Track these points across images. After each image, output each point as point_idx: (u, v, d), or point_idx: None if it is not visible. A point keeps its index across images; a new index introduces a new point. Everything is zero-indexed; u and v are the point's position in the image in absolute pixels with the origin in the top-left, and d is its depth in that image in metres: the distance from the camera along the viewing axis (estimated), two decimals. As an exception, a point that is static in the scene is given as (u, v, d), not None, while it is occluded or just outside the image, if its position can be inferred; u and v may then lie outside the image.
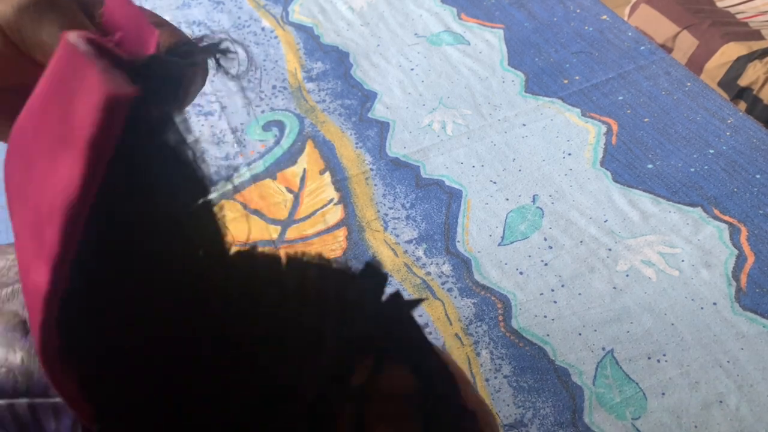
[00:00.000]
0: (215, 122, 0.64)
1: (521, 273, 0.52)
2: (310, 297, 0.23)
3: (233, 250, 0.22)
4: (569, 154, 0.60)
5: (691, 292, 0.50)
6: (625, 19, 0.96)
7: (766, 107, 0.89)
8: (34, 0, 0.28)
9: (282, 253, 0.23)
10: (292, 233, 0.55)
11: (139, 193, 0.21)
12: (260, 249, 0.23)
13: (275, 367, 0.23)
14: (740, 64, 0.90)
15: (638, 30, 0.73)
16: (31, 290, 0.20)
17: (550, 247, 0.53)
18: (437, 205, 0.57)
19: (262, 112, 0.66)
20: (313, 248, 0.54)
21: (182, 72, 0.22)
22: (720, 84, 0.92)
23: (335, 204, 0.57)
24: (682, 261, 0.52)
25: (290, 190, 0.59)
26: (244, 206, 0.58)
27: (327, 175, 0.60)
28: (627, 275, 0.51)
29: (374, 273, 0.23)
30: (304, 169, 0.60)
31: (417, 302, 0.23)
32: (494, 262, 0.53)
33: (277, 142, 0.63)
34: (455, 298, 0.51)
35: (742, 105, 0.90)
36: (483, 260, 0.53)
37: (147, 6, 0.78)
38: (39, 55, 0.28)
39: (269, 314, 0.23)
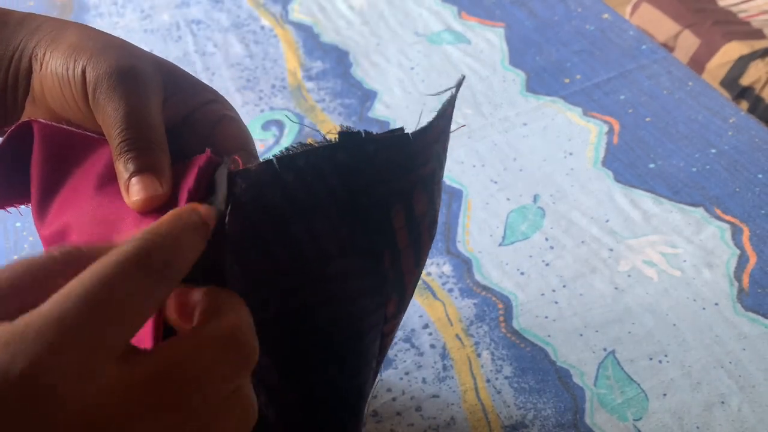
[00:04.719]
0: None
1: (522, 273, 0.52)
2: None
3: None
4: (570, 154, 0.60)
5: (692, 293, 0.50)
6: (627, 17, 0.96)
7: (768, 106, 0.89)
8: (119, 70, 0.30)
9: None
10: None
11: None
12: None
13: None
14: (742, 63, 0.90)
15: (639, 29, 0.72)
16: None
17: (552, 248, 0.53)
18: (438, 204, 0.57)
19: (261, 111, 0.65)
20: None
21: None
22: (722, 83, 0.91)
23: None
24: (684, 261, 0.52)
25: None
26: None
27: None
28: (628, 275, 0.51)
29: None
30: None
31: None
32: (495, 262, 0.52)
33: (277, 142, 0.62)
34: (456, 298, 0.50)
35: (744, 104, 0.90)
36: (484, 260, 0.53)
37: (145, 5, 0.78)
38: (99, 119, 0.31)
39: None
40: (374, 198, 0.28)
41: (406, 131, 0.28)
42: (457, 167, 0.59)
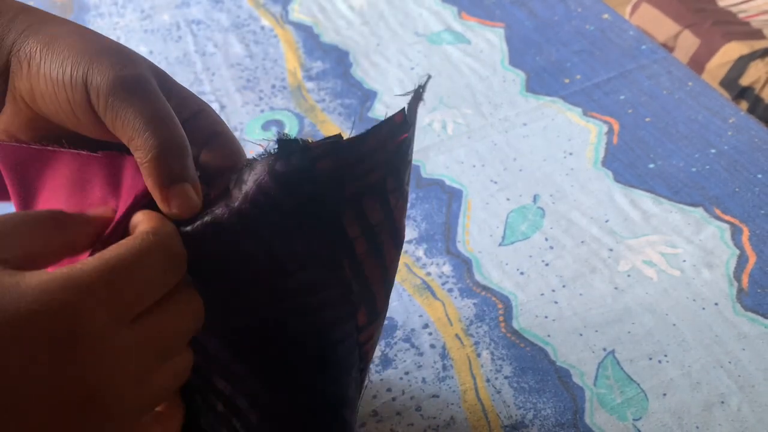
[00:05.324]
0: (215, 121, 0.64)
1: (522, 273, 0.52)
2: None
3: None
4: (570, 154, 0.60)
5: (692, 293, 0.50)
6: (627, 17, 0.96)
7: (768, 106, 0.89)
8: (128, 78, 0.29)
9: None
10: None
11: None
12: None
13: None
14: (742, 63, 0.90)
15: (639, 29, 0.72)
16: None
17: (551, 248, 0.53)
18: (437, 205, 0.57)
19: (262, 111, 0.65)
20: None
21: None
22: (721, 83, 0.91)
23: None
24: (684, 261, 0.52)
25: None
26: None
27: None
28: (628, 275, 0.51)
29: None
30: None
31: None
32: (495, 262, 0.52)
33: (277, 142, 0.62)
34: (456, 298, 0.50)
35: (744, 104, 0.90)
36: (483, 260, 0.53)
37: (145, 5, 0.78)
38: (116, 126, 0.30)
39: None
40: (321, 207, 0.28)
41: (343, 137, 0.27)
42: (457, 167, 0.59)
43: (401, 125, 0.29)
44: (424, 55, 0.70)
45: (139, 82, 0.29)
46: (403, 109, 0.29)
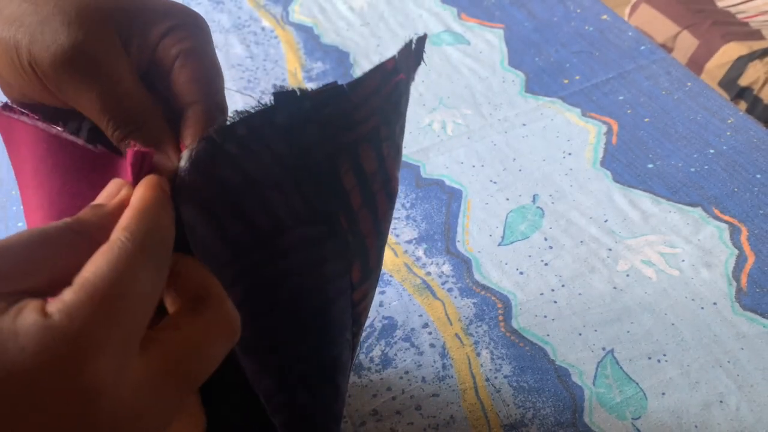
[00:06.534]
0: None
1: (521, 273, 0.52)
2: None
3: None
4: (569, 154, 0.60)
5: (691, 292, 0.50)
6: (626, 18, 0.96)
7: (767, 107, 0.89)
8: (70, 56, 0.27)
9: None
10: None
11: None
12: None
13: None
14: (741, 63, 0.90)
15: (638, 30, 0.73)
16: None
17: (551, 247, 0.53)
18: (437, 205, 0.57)
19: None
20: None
21: None
22: (720, 84, 0.92)
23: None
24: (683, 261, 0.52)
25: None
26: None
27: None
28: (627, 275, 0.51)
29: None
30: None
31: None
32: (494, 262, 0.53)
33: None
34: (455, 298, 0.51)
35: (743, 105, 0.90)
36: (483, 260, 0.53)
37: (147, 6, 0.78)
38: (73, 104, 0.28)
39: None
40: (320, 157, 0.28)
41: (340, 84, 0.27)
42: (457, 167, 0.60)
43: (392, 72, 0.29)
44: (424, 56, 0.70)
45: (85, 56, 0.27)
46: (394, 56, 0.29)
